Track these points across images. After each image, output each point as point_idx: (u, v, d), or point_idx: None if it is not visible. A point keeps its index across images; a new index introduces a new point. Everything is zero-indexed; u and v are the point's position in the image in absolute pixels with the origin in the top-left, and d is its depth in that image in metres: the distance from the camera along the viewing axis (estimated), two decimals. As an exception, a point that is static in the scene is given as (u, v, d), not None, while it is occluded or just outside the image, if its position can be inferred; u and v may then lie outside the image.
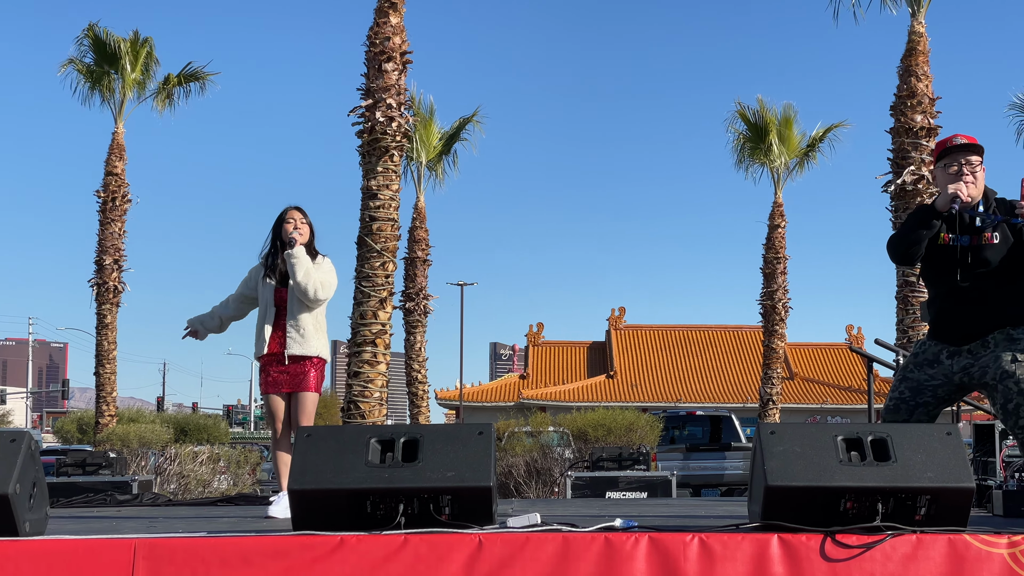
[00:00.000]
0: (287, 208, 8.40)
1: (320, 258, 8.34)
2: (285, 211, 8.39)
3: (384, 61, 19.40)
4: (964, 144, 6.14)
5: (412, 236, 36.10)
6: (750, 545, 4.91)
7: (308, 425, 7.84)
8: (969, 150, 6.13)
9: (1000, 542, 4.92)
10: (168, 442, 22.40)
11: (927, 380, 6.21)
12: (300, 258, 8.11)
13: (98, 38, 30.45)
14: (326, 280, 8.23)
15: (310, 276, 8.11)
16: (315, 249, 8.37)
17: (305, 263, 8.13)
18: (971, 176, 6.07)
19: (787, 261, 35.67)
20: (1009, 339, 6.03)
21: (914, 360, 6.31)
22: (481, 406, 59.71)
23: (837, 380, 63.41)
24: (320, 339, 8.23)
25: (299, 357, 8.16)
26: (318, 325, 8.25)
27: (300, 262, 8.10)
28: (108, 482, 12.46)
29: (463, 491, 5.19)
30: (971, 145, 6.14)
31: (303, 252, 8.16)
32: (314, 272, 8.16)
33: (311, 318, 8.21)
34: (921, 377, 6.23)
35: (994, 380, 6.00)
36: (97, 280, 29.77)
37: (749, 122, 35.89)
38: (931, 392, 6.21)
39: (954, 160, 6.13)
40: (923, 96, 22.88)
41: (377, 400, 18.61)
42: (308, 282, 8.08)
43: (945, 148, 6.20)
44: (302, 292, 8.10)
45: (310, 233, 8.36)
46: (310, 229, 8.36)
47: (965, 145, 6.14)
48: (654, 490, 13.64)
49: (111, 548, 4.92)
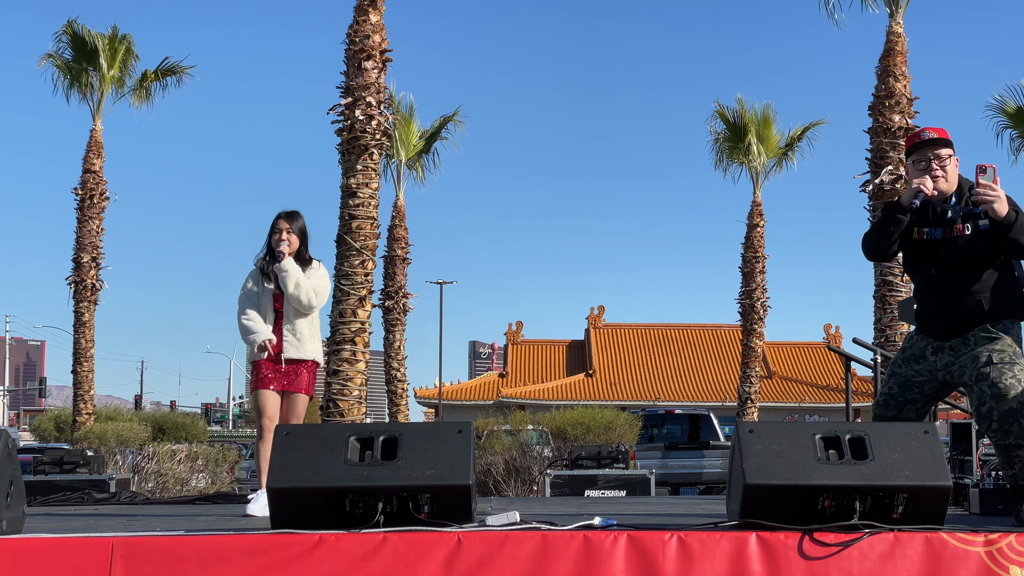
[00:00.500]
0: (278, 216, 8.42)
1: (314, 264, 8.39)
2: (276, 219, 8.41)
3: (364, 59, 19.37)
4: (933, 139, 6.15)
5: (392, 234, 36.05)
6: (728, 543, 4.92)
7: None
8: (938, 144, 6.13)
9: (977, 540, 4.94)
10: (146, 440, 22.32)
11: (914, 376, 6.23)
12: (289, 270, 8.17)
13: (76, 34, 30.33)
14: (319, 288, 8.32)
15: (301, 287, 8.19)
16: (308, 255, 8.41)
17: (295, 274, 8.18)
18: (940, 170, 6.07)
19: (766, 260, 35.77)
20: (988, 337, 6.00)
21: (902, 355, 6.32)
22: (460, 404, 59.71)
23: (815, 379, 63.63)
24: (315, 343, 8.37)
25: (295, 360, 8.24)
26: (313, 329, 8.39)
27: (289, 274, 8.17)
28: (86, 480, 12.39)
29: (442, 489, 5.18)
30: (940, 139, 6.14)
31: (291, 263, 8.21)
32: (305, 281, 8.23)
33: (307, 323, 8.34)
34: (908, 373, 6.24)
35: (971, 381, 5.99)
36: (75, 278, 29.65)
37: (728, 122, 35.97)
38: (918, 388, 6.23)
39: (923, 155, 6.14)
40: (901, 96, 22.96)
41: (356, 398, 18.60)
42: (300, 292, 8.19)
43: (914, 143, 6.21)
44: (296, 301, 8.22)
45: (302, 240, 8.38)
46: (302, 234, 8.38)
47: (934, 139, 6.15)
48: (633, 488, 13.66)
49: (89, 547, 4.90)
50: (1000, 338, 5.99)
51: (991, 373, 5.89)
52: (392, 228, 36.15)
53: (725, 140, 36.17)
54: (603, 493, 13.44)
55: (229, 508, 9.36)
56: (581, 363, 65.70)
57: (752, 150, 35.49)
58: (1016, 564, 4.89)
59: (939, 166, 6.08)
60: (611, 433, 19.81)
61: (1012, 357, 5.94)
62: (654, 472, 14.25)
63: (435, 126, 37.76)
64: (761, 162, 35.79)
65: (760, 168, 35.90)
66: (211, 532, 5.26)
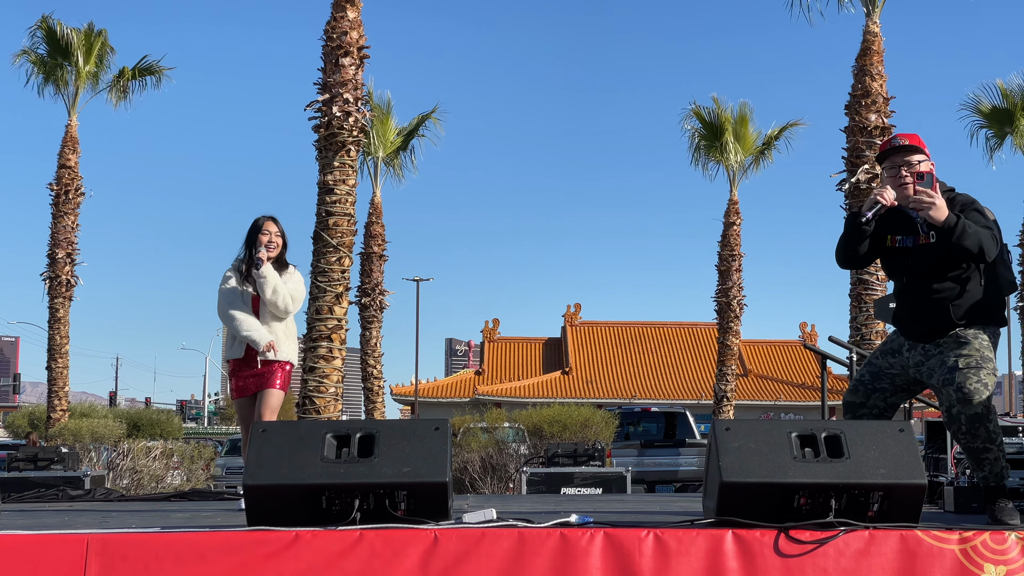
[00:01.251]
0: (263, 219, 8.49)
1: (290, 269, 8.50)
2: (261, 222, 8.47)
3: (341, 56, 19.34)
4: (903, 145, 6.16)
5: (368, 231, 36.02)
6: (705, 541, 4.93)
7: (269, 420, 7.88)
8: (908, 151, 6.14)
9: (951, 538, 4.96)
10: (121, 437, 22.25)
11: (887, 368, 6.29)
12: (268, 277, 8.26)
13: (51, 29, 30.21)
14: (296, 293, 8.44)
15: (279, 293, 8.29)
16: (285, 260, 8.51)
17: (272, 281, 8.27)
18: (910, 177, 6.05)
19: (742, 258, 35.88)
20: (957, 342, 6.02)
21: (881, 349, 6.41)
22: (436, 402, 59.67)
23: (791, 377, 63.82)
24: (291, 344, 8.44)
25: (270, 361, 8.30)
26: (288, 332, 8.47)
27: (268, 281, 8.25)
28: (60, 477, 12.35)
29: (419, 487, 5.18)
30: (910, 146, 6.15)
31: (270, 270, 8.30)
32: (283, 287, 8.33)
33: (282, 326, 8.43)
34: (883, 364, 6.31)
35: (939, 383, 6.02)
36: (49, 274, 29.52)
37: (705, 120, 36.05)
38: (889, 379, 6.28)
39: (893, 162, 6.16)
40: (877, 95, 23.04)
41: (332, 395, 18.56)
42: (277, 299, 8.30)
43: (885, 150, 6.24)
44: (273, 306, 8.32)
45: (283, 245, 8.48)
46: (283, 241, 8.49)
47: (904, 146, 6.15)
48: (609, 486, 13.68)
49: (64, 544, 4.88)
50: (969, 343, 6.00)
51: (957, 378, 5.90)
52: (369, 225, 36.12)
53: (702, 138, 36.25)
54: (579, 491, 13.46)
55: (204, 505, 9.33)
56: (557, 361, 65.73)
57: (729, 148, 35.59)
58: (990, 562, 4.92)
59: (908, 172, 6.07)
60: (587, 431, 19.84)
61: (979, 362, 5.94)
62: (630, 470, 14.28)
63: (413, 123, 37.76)
64: (738, 160, 35.89)
65: (737, 166, 35.99)
66: (186, 529, 5.24)
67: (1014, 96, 32.53)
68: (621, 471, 14.03)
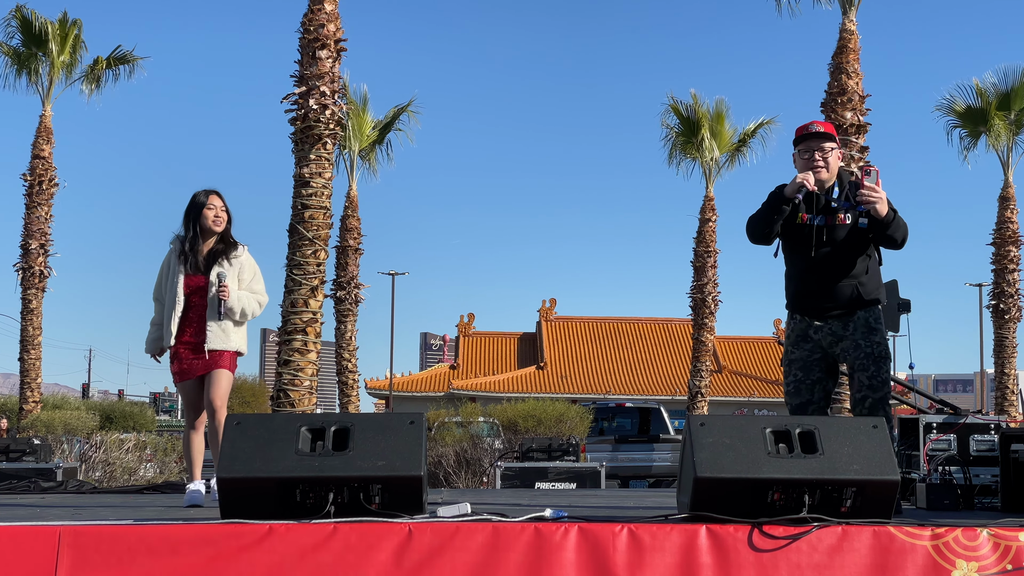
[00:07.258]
0: (205, 193, 7.94)
1: (239, 249, 7.96)
2: (203, 198, 7.92)
3: (318, 48, 19.29)
4: (819, 132, 6.64)
5: (344, 225, 35.92)
6: (679, 536, 4.94)
7: (222, 401, 7.71)
8: (823, 138, 6.64)
9: (924, 534, 4.99)
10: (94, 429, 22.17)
11: (808, 356, 6.69)
12: (235, 308, 7.82)
13: (26, 19, 30.03)
14: (260, 296, 8.00)
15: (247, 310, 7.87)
16: (232, 238, 7.98)
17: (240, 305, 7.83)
18: (822, 162, 6.58)
19: (717, 255, 35.94)
20: (868, 328, 6.58)
21: (789, 342, 6.78)
22: (411, 396, 59.69)
23: (765, 373, 64.09)
24: (240, 333, 7.97)
25: (218, 350, 7.85)
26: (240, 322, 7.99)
27: (235, 310, 7.83)
28: (32, 469, 12.27)
29: (393, 480, 5.17)
30: (825, 133, 6.64)
31: (235, 300, 7.82)
32: (250, 301, 7.89)
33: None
34: (803, 355, 6.70)
35: (851, 369, 6.61)
36: (22, 264, 29.35)
37: (682, 116, 36.09)
38: (817, 366, 6.70)
39: (808, 147, 6.64)
40: (853, 93, 23.13)
41: (307, 388, 18.53)
42: (249, 312, 7.88)
43: (801, 134, 6.68)
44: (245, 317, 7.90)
45: (228, 219, 7.97)
46: (228, 216, 7.97)
47: (820, 133, 6.64)
48: (583, 481, 13.70)
49: (35, 535, 4.85)
50: (878, 330, 6.60)
51: (871, 366, 6.54)
52: (345, 218, 36.04)
53: (678, 135, 36.29)
54: (553, 485, 13.47)
55: (177, 498, 9.28)
56: (532, 356, 65.81)
57: (705, 145, 35.63)
58: (962, 558, 4.95)
59: (821, 158, 6.60)
60: (562, 426, 19.86)
61: (887, 351, 6.64)
62: (604, 465, 14.29)
63: (389, 116, 37.68)
64: (714, 157, 35.95)
65: (713, 163, 36.05)
66: (159, 522, 5.22)
67: (988, 95, 32.68)
68: (595, 466, 14.05)
